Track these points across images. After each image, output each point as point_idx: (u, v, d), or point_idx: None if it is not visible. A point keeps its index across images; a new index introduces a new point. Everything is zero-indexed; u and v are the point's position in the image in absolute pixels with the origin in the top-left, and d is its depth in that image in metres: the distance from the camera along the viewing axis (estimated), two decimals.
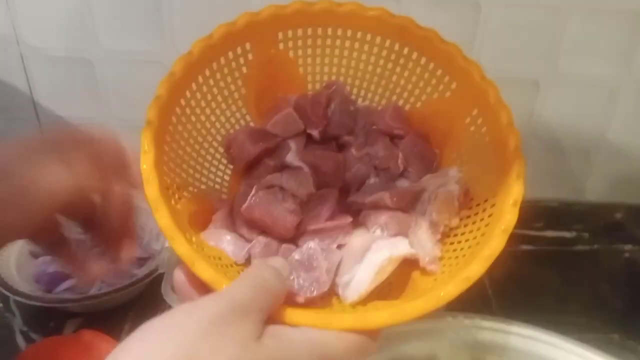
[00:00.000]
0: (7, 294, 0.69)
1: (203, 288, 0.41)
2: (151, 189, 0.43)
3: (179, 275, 0.42)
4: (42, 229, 0.49)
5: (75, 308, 0.72)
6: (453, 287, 0.42)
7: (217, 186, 0.55)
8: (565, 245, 0.83)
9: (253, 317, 0.35)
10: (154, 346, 0.31)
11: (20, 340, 0.70)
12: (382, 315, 0.41)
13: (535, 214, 0.86)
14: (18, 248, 0.76)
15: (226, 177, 0.56)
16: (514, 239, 0.43)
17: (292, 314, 0.40)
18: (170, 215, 0.43)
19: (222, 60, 0.53)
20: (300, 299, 0.45)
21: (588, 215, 0.87)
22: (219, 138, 0.56)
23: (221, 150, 0.56)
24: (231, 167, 0.57)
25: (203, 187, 0.53)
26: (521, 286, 0.76)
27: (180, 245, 0.41)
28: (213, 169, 0.55)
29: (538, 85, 0.80)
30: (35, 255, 0.77)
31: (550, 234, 0.85)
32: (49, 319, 0.72)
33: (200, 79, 0.52)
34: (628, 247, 0.42)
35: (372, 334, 0.40)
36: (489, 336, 0.61)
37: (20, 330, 0.71)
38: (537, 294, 0.75)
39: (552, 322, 0.59)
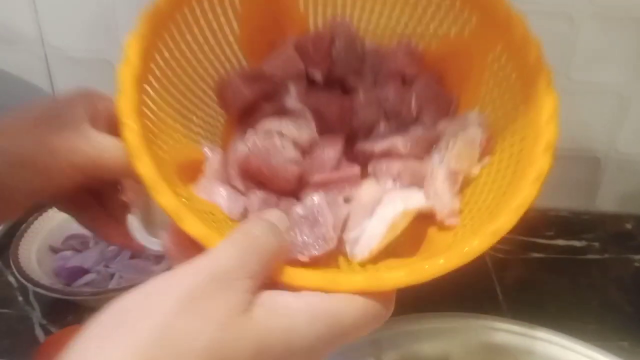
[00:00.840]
0: (29, 285, 0.68)
1: (195, 248, 0.36)
2: (130, 133, 0.38)
3: (165, 237, 0.37)
4: (65, 192, 0.49)
5: (93, 302, 0.70)
6: (479, 241, 0.36)
7: (209, 135, 0.49)
8: (575, 254, 0.83)
9: (240, 285, 0.29)
10: (119, 333, 0.26)
11: (39, 333, 0.69)
12: (398, 274, 0.35)
13: (545, 223, 0.87)
14: (38, 243, 0.76)
15: (219, 126, 0.51)
16: (525, 246, 0.38)
17: (293, 276, 0.34)
18: (153, 164, 0.37)
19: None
20: (304, 258, 0.40)
21: (598, 224, 0.88)
22: (211, 82, 0.50)
23: (213, 96, 0.50)
24: (224, 115, 0.51)
25: (193, 135, 0.48)
26: (532, 293, 0.76)
27: (164, 197, 0.36)
28: (204, 116, 0.49)
29: None
30: (55, 251, 0.77)
31: (560, 242, 0.85)
32: (67, 313, 0.71)
33: (189, 16, 0.46)
34: (638, 257, 0.39)
35: (386, 299, 0.34)
36: (502, 338, 0.58)
37: (39, 323, 0.70)
38: (548, 301, 0.75)
39: (562, 328, 0.58)
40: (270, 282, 0.33)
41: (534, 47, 0.43)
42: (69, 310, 0.71)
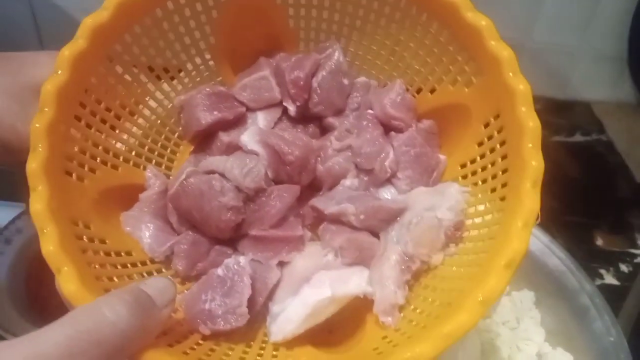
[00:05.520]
0: None
1: None
2: (35, 159, 0.34)
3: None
4: None
5: None
6: (427, 346, 0.30)
7: (161, 159, 0.45)
8: None
9: None
10: None
11: None
12: None
13: None
14: None
15: (177, 149, 0.46)
16: None
17: None
18: (50, 198, 0.33)
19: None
20: (205, 330, 0.35)
21: None
22: (172, 95, 0.45)
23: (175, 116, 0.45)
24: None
25: (141, 158, 0.43)
26: None
27: (48, 242, 0.32)
28: (158, 136, 0.45)
29: None
30: None
31: None
32: None
33: (148, 21, 0.41)
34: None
35: None
36: None
37: None
38: None
39: None
40: None
41: (532, 129, 0.34)
42: None
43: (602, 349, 0.53)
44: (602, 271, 0.71)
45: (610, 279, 0.71)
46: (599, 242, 0.75)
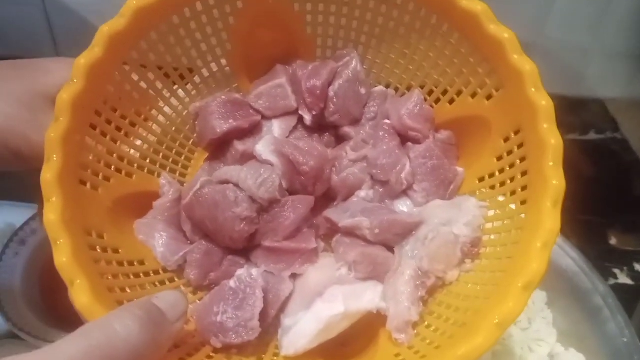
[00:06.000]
0: None
1: None
2: (49, 169, 0.34)
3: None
4: None
5: None
6: None
7: (175, 166, 0.45)
8: None
9: None
10: None
11: None
12: None
13: None
14: None
15: (192, 156, 0.46)
16: None
17: None
18: (64, 209, 0.33)
19: (199, 6, 0.41)
20: (216, 344, 0.35)
21: None
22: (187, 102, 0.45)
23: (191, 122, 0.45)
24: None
25: (156, 165, 0.43)
26: None
27: (61, 253, 0.32)
28: (173, 143, 0.44)
29: None
30: None
31: None
32: None
33: (165, 28, 0.40)
34: None
35: None
36: None
37: None
38: None
39: None
40: None
41: (554, 146, 0.34)
42: None
43: (615, 350, 0.52)
44: (616, 271, 0.70)
45: (624, 279, 0.69)
46: (613, 241, 0.74)
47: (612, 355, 0.52)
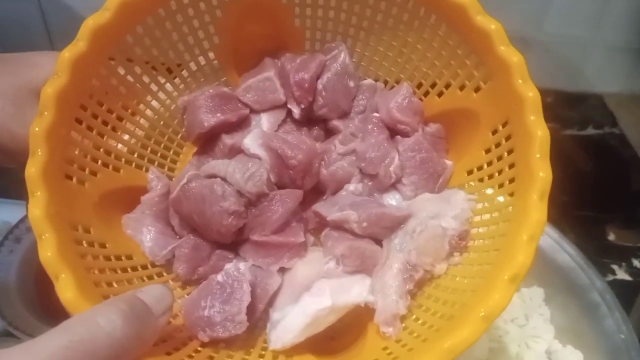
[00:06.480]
0: None
1: None
2: (34, 164, 0.33)
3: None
4: None
5: None
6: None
7: (163, 160, 0.44)
8: None
9: None
10: None
11: None
12: None
13: None
14: None
15: (180, 150, 0.46)
16: None
17: None
18: (48, 203, 0.33)
19: None
20: (204, 338, 0.35)
21: None
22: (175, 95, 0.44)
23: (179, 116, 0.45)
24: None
25: (144, 160, 0.43)
26: None
27: (46, 248, 0.32)
28: (161, 137, 0.44)
29: None
30: None
31: None
32: None
33: (151, 22, 0.40)
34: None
35: None
36: None
37: None
38: None
39: None
40: None
41: (540, 138, 0.33)
42: None
43: (612, 347, 0.52)
44: (614, 267, 0.70)
45: (622, 275, 0.69)
46: (611, 237, 0.74)
47: (610, 352, 0.52)
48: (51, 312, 0.59)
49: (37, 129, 0.34)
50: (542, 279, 0.58)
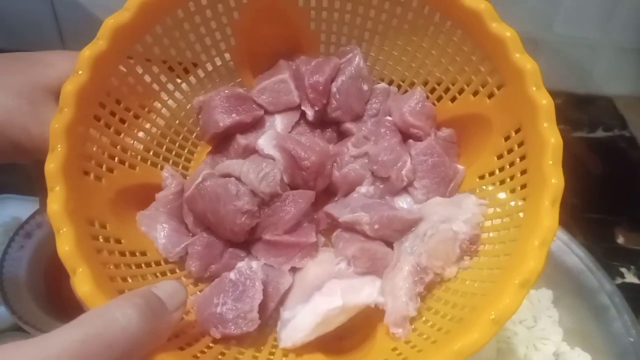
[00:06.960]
0: None
1: None
2: (53, 159, 0.34)
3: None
4: None
5: None
6: None
7: (178, 159, 0.45)
8: None
9: None
10: None
11: None
12: None
13: None
14: None
15: (195, 149, 0.46)
16: None
17: None
18: (67, 199, 0.33)
19: (203, 0, 0.41)
20: (216, 334, 0.36)
21: None
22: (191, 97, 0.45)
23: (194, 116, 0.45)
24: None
25: (159, 158, 0.43)
26: None
27: (64, 242, 0.32)
28: (176, 136, 0.45)
29: None
30: None
31: None
32: None
33: (169, 22, 0.41)
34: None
35: None
36: None
37: None
38: None
39: None
40: None
41: (553, 145, 0.34)
42: None
43: (621, 350, 0.52)
44: (623, 269, 0.70)
45: (631, 278, 0.69)
46: (620, 239, 0.73)
47: (618, 355, 0.52)
48: (61, 307, 0.60)
49: (57, 125, 0.35)
50: (551, 281, 0.58)
